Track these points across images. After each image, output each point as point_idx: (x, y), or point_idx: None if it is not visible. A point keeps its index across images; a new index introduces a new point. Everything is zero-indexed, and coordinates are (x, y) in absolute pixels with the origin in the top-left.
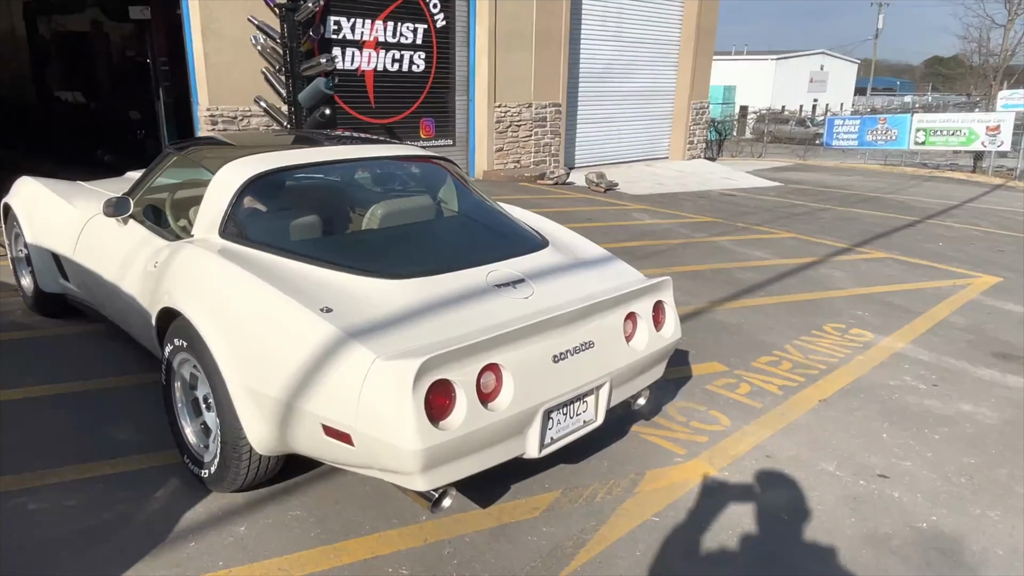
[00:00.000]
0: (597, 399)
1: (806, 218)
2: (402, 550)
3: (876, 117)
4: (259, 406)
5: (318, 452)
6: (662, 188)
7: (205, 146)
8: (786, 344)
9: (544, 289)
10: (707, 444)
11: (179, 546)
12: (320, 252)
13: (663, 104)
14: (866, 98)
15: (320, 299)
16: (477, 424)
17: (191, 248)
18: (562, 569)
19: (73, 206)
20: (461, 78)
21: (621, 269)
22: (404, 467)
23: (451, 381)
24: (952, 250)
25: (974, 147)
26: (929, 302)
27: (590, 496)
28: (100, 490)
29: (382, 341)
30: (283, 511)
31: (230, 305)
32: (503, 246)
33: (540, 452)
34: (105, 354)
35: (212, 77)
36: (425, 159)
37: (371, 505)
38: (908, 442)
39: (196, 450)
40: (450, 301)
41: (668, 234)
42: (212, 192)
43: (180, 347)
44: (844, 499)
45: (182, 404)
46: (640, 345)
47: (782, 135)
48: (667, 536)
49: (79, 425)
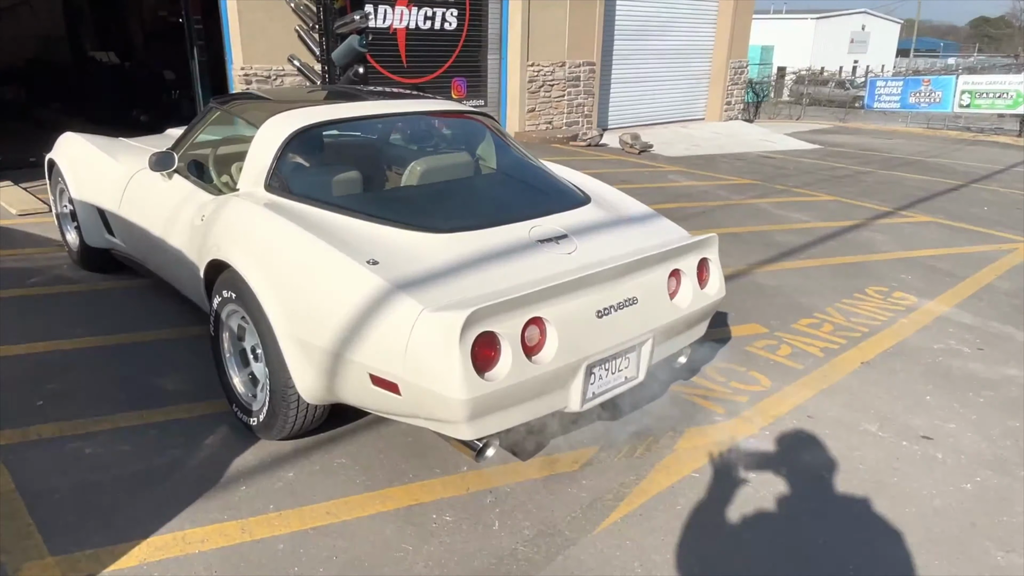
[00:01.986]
0: (639, 355)
1: (847, 181)
2: (445, 498)
3: (920, 78)
4: (307, 356)
5: (365, 401)
6: (698, 150)
7: (247, 101)
8: (827, 307)
9: (587, 245)
10: (747, 404)
11: (231, 490)
12: (364, 206)
13: (700, 63)
14: (908, 60)
15: (366, 252)
16: (521, 376)
17: (238, 201)
18: (602, 520)
19: (118, 161)
20: (494, 36)
21: (665, 226)
22: (451, 416)
23: (496, 333)
24: (997, 215)
25: (1021, 110)
26: (974, 266)
27: (629, 452)
28: (153, 436)
29: (428, 293)
30: (329, 459)
31: (278, 257)
32: (545, 202)
33: (582, 407)
34: (150, 308)
35: (246, 35)
36: (466, 114)
37: (414, 455)
38: (952, 405)
39: (244, 399)
40: (493, 255)
41: (705, 196)
42: (257, 146)
43: (229, 299)
44: (886, 459)
45: (230, 355)
46: (684, 302)
47: (821, 97)
48: (707, 491)
49: (129, 375)
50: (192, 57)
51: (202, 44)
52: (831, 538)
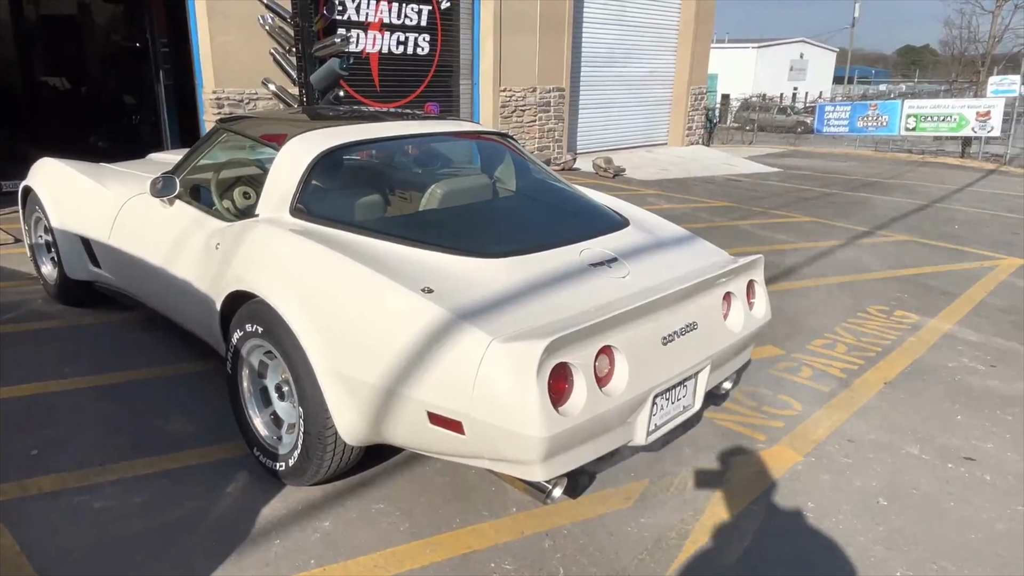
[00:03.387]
0: (696, 383)
1: (818, 202)
2: (499, 544)
3: (867, 103)
4: (351, 393)
5: (416, 441)
6: (667, 173)
7: (260, 121)
8: (835, 327)
9: (638, 268)
10: (785, 429)
11: (264, 544)
12: (403, 230)
13: (662, 89)
14: (843, 87)
15: (418, 279)
16: (596, 410)
17: (265, 227)
18: (672, 561)
19: (106, 188)
20: (466, 61)
21: (706, 248)
22: (525, 456)
23: (569, 364)
24: (969, 232)
25: (964, 132)
26: (963, 284)
27: (680, 485)
28: (165, 485)
29: (494, 322)
30: (366, 504)
31: (316, 286)
32: (587, 224)
33: (647, 439)
34: (138, 343)
35: (218, 59)
36: (489, 135)
37: (455, 496)
38: (983, 423)
39: (268, 442)
40: (550, 280)
41: (689, 218)
42: (280, 168)
43: (253, 332)
44: (937, 483)
45: (250, 394)
46: (736, 326)
47: (767, 122)
48: (769, 523)
49: (128, 418)
50: (158, 81)
51: (168, 68)
52: (908, 570)
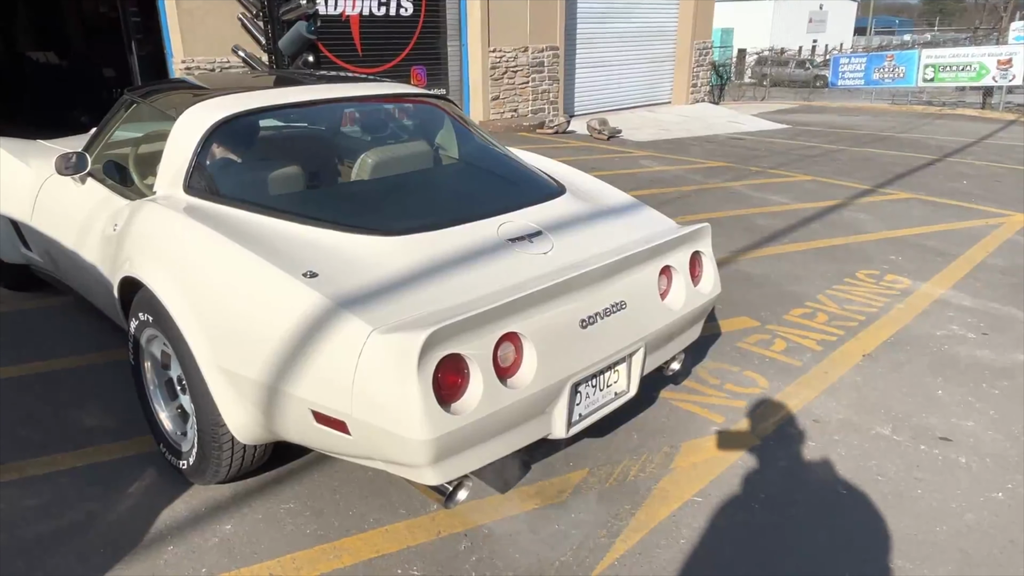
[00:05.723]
0: (630, 367)
1: (821, 160)
2: (412, 546)
3: (883, 54)
4: (237, 389)
5: (309, 441)
6: (667, 134)
7: (170, 91)
8: (818, 294)
9: (565, 242)
10: (746, 410)
11: (156, 550)
12: (302, 207)
13: (665, 45)
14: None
15: (303, 262)
16: (496, 405)
17: (151, 207)
18: (597, 562)
19: (28, 166)
20: (452, 21)
21: (650, 216)
22: (411, 459)
23: (463, 355)
24: (978, 188)
25: (984, 82)
26: (964, 243)
27: (621, 475)
28: (66, 485)
29: (379, 310)
30: (274, 505)
31: (198, 272)
32: (514, 194)
33: (568, 432)
34: (74, 329)
35: (185, 26)
36: (420, 98)
37: (374, 493)
38: (967, 399)
39: (173, 438)
40: (457, 260)
41: (679, 181)
42: (174, 141)
43: (146, 322)
44: (906, 468)
45: (154, 386)
46: (676, 303)
47: (783, 77)
48: (712, 519)
49: (43, 410)
50: (131, 52)
51: (140, 38)
52: (857, 570)
